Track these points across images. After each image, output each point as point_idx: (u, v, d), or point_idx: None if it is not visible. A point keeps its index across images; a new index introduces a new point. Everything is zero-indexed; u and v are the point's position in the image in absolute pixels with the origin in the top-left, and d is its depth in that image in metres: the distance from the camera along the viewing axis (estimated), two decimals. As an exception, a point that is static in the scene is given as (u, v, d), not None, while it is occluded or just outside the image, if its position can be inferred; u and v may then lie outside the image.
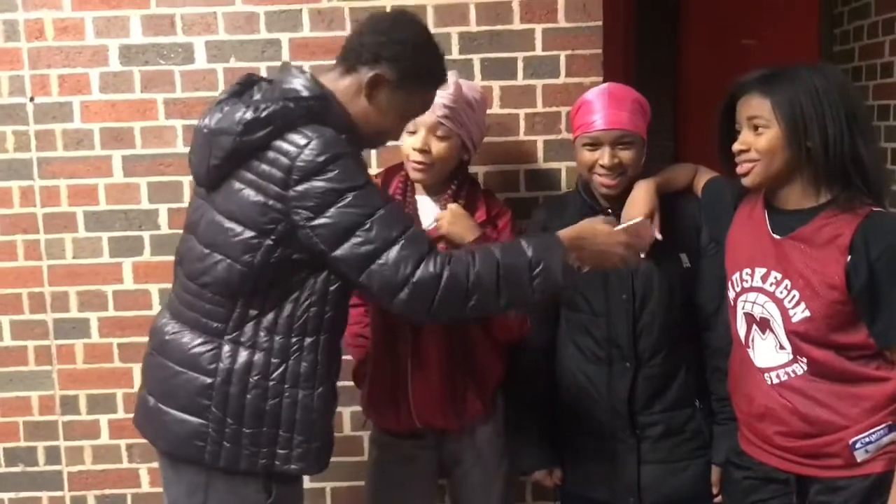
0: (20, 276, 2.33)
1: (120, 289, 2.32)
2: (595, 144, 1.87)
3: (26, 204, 2.30)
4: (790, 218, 1.66)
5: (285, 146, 1.52)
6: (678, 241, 1.91)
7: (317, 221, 1.51)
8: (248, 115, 1.53)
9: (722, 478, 1.90)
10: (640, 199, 1.86)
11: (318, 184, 1.50)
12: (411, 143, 1.89)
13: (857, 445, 1.59)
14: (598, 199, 1.95)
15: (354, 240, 1.51)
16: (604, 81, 2.20)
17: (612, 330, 1.91)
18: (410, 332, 1.91)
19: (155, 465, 2.33)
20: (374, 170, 2.24)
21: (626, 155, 1.86)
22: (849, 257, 1.57)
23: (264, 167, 1.54)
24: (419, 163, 1.90)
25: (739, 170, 1.68)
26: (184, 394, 1.62)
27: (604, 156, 1.85)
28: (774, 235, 1.67)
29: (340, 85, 1.63)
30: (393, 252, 1.50)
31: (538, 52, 2.23)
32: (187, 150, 1.65)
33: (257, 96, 1.61)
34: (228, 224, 1.57)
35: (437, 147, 1.89)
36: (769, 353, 1.68)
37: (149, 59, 2.25)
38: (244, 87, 1.65)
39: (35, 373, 2.36)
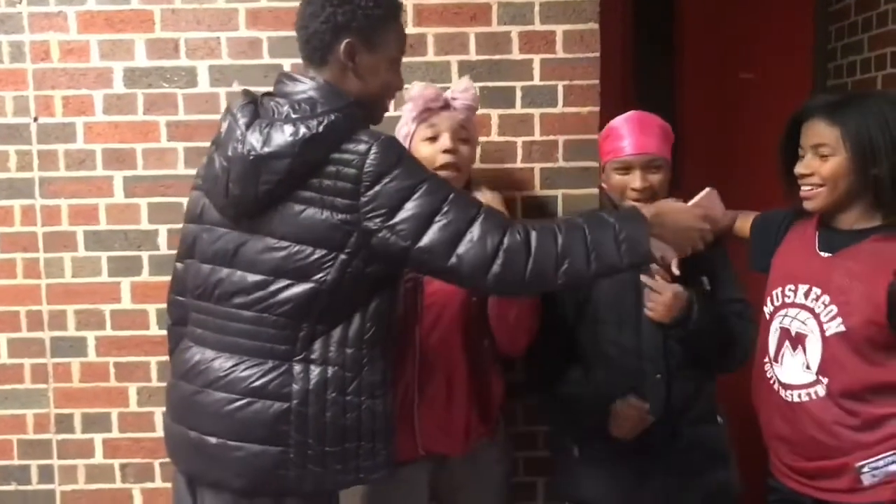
0: (19, 294, 2.34)
1: (118, 308, 2.33)
2: (626, 169, 1.96)
3: (27, 223, 2.32)
4: (841, 237, 1.68)
5: (346, 156, 1.52)
6: (700, 266, 1.92)
7: (396, 218, 1.51)
8: (304, 132, 1.52)
9: None
10: None
11: (390, 184, 1.51)
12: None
13: (865, 469, 1.61)
14: None
15: (436, 225, 1.50)
16: (601, 111, 2.24)
17: (643, 342, 1.94)
18: (414, 356, 1.90)
19: (148, 485, 2.35)
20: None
21: (655, 178, 1.95)
22: (894, 279, 1.58)
23: (326, 182, 1.53)
24: None
25: (803, 193, 1.70)
26: (257, 424, 1.56)
27: (635, 179, 1.94)
28: (822, 254, 1.69)
29: (330, 78, 1.62)
30: (476, 227, 1.51)
31: (536, 81, 2.27)
32: (188, 172, 1.63)
33: (286, 111, 1.57)
34: (295, 247, 1.54)
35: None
36: (795, 371, 1.69)
37: (152, 82, 2.28)
38: (251, 103, 1.62)
39: (31, 391, 2.36)
